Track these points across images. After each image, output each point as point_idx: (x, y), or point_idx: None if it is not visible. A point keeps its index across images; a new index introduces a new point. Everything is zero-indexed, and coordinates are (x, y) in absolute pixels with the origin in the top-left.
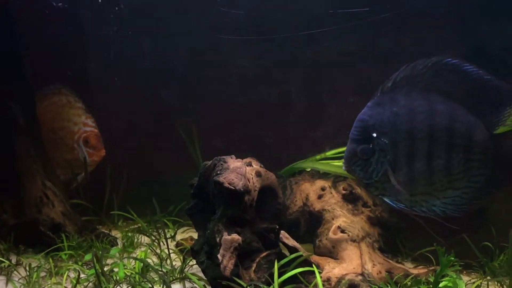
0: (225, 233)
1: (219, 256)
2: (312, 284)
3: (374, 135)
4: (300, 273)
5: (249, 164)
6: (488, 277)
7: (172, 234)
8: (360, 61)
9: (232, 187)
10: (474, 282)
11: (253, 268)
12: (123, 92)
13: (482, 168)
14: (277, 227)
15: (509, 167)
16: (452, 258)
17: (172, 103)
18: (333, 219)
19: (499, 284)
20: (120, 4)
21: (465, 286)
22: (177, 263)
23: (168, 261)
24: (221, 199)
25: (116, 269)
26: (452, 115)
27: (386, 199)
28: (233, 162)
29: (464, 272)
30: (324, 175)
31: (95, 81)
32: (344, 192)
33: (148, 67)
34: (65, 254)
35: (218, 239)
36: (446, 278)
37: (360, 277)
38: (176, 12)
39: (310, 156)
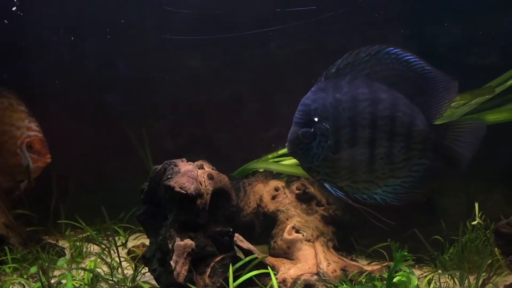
0: (178, 239)
1: (172, 262)
2: (268, 286)
3: (316, 119)
4: (255, 275)
5: (201, 167)
6: (439, 271)
7: (124, 242)
8: (311, 60)
9: (183, 191)
10: (426, 276)
11: (208, 273)
12: (69, 96)
13: (422, 158)
14: (231, 230)
15: (447, 158)
16: (406, 253)
17: (120, 106)
18: (287, 219)
19: (449, 277)
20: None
21: (418, 280)
22: (129, 272)
23: (120, 270)
24: (172, 204)
25: (64, 281)
26: (394, 104)
27: (326, 185)
28: (184, 166)
29: (416, 266)
30: (278, 175)
31: (38, 84)
32: (297, 191)
33: (94, 70)
34: (9, 268)
35: (170, 245)
36: (400, 273)
37: (315, 277)
38: (123, 14)
39: (263, 156)
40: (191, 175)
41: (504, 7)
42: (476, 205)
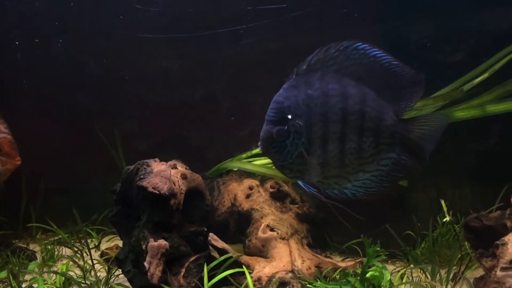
0: (151, 239)
1: (145, 263)
2: (243, 285)
3: (289, 117)
4: (231, 274)
5: (174, 167)
6: (411, 265)
7: (96, 244)
8: (283, 59)
9: (156, 192)
10: (399, 271)
11: (182, 274)
12: (38, 96)
13: (390, 152)
14: (206, 229)
15: (414, 152)
16: (378, 249)
17: (91, 106)
18: (262, 218)
19: (421, 271)
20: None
21: (391, 274)
22: (103, 274)
23: (93, 273)
24: (145, 205)
25: (35, 285)
26: (364, 99)
27: (300, 182)
28: (157, 166)
29: (389, 261)
30: (252, 174)
31: (5, 85)
32: (272, 190)
33: (64, 69)
34: None
35: (144, 246)
36: (373, 268)
37: (290, 274)
38: (92, 12)
39: (237, 155)
40: (164, 175)
41: (472, 4)
42: (443, 202)
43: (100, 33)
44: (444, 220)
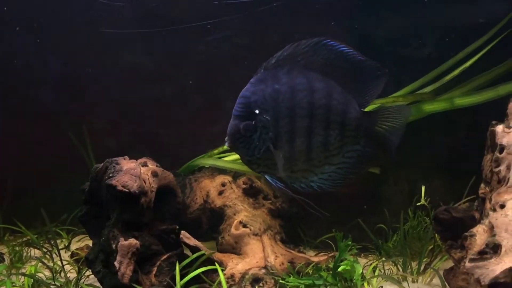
0: (122, 239)
1: (116, 263)
2: (216, 283)
3: (257, 111)
4: (203, 272)
5: (145, 164)
6: (383, 258)
7: (67, 244)
8: (254, 53)
9: (126, 190)
10: (371, 264)
11: (154, 272)
12: (1, 95)
13: (355, 144)
14: (177, 227)
15: (378, 143)
16: (350, 243)
17: (59, 104)
18: (234, 214)
19: (393, 264)
20: None
21: (363, 268)
22: (73, 275)
23: (62, 274)
24: (115, 203)
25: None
26: (329, 93)
27: (267, 177)
28: (127, 163)
29: (362, 255)
30: (224, 170)
31: None
32: (244, 186)
33: (28, 67)
34: None
35: (114, 246)
36: (344, 262)
37: (263, 270)
38: (57, 7)
39: (209, 152)
40: (134, 173)
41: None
42: (423, 188)
43: (65, 29)
44: (419, 203)
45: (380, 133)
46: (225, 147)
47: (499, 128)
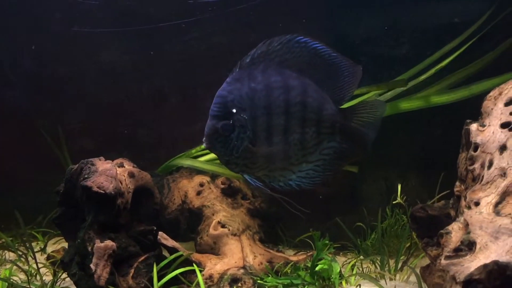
0: (98, 241)
1: (92, 266)
2: (195, 283)
3: (234, 111)
4: (182, 273)
5: (121, 165)
6: (361, 257)
7: (42, 247)
8: (230, 53)
9: (102, 191)
10: (350, 262)
11: (131, 274)
12: None
13: (331, 141)
14: (155, 228)
15: (355, 139)
16: (327, 242)
17: (34, 104)
18: (213, 214)
19: (371, 262)
20: None
21: (342, 266)
22: (49, 278)
23: (38, 277)
24: (91, 205)
25: None
26: (305, 90)
27: (246, 176)
28: (102, 164)
29: (341, 253)
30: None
31: None
32: (223, 186)
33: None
34: None
35: (90, 248)
36: (322, 261)
37: (242, 271)
38: (31, 6)
39: (187, 151)
40: (110, 174)
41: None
42: (399, 186)
43: (39, 28)
44: (395, 202)
45: (356, 129)
46: (203, 146)
47: (473, 126)
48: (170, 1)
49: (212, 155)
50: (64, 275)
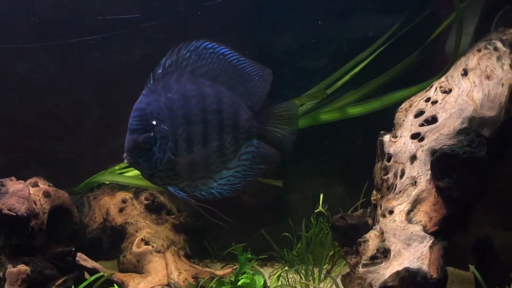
0: (10, 265)
1: None
2: None
3: (154, 122)
4: None
5: (35, 185)
6: (286, 267)
7: None
8: (153, 65)
9: (13, 213)
10: (276, 273)
11: None
12: None
13: (249, 146)
14: (74, 249)
15: (273, 142)
16: (249, 256)
17: None
18: (136, 231)
19: (295, 273)
20: None
21: (269, 277)
22: None
23: None
24: (1, 228)
25: None
26: (219, 97)
27: (170, 189)
28: (13, 185)
29: (268, 264)
30: (125, 186)
31: None
32: (146, 202)
33: None
34: None
35: (1, 273)
36: (244, 275)
37: None
38: None
39: (110, 168)
40: (22, 194)
41: (331, 16)
42: (321, 196)
43: None
44: (317, 210)
45: (274, 131)
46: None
47: (386, 137)
48: (89, 14)
49: (136, 172)
50: None
